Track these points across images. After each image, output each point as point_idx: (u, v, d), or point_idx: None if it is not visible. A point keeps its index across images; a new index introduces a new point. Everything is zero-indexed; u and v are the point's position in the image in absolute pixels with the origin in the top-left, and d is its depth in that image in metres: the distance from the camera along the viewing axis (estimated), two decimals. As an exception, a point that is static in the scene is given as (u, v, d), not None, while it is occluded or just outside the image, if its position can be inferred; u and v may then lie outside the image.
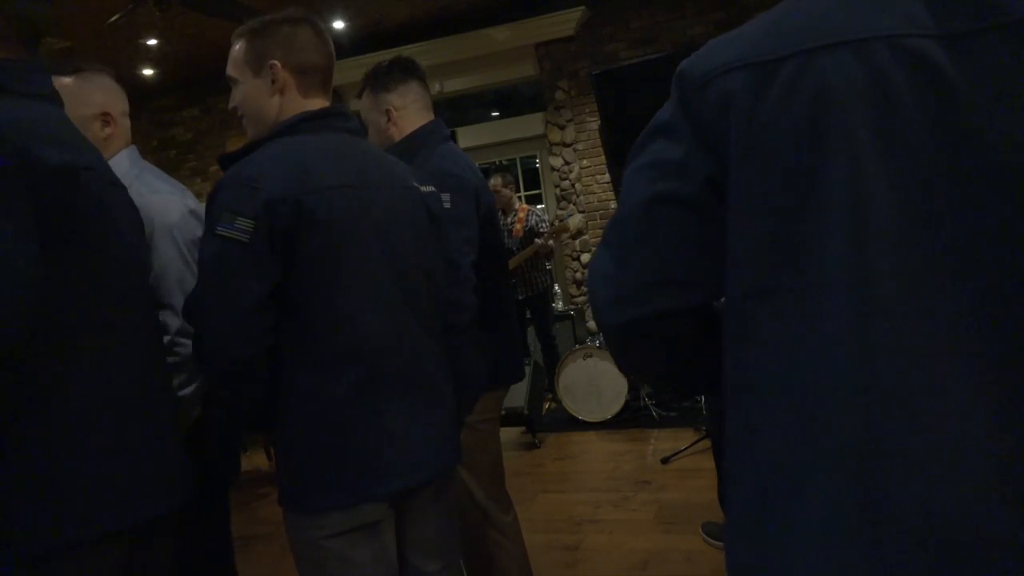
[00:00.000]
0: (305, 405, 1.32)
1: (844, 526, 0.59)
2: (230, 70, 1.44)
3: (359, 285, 1.33)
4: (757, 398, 0.66)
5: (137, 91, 7.13)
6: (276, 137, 1.36)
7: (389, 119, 1.91)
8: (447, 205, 1.76)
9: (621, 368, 0.86)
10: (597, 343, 4.76)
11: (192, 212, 1.74)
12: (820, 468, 0.61)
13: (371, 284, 1.35)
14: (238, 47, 1.43)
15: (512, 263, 5.08)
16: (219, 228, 1.25)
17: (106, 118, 1.69)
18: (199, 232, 1.72)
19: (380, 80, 1.93)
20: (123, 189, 1.34)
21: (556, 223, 5.41)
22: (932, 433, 0.58)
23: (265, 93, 1.41)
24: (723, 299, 0.72)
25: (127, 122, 1.77)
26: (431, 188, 1.58)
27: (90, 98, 1.67)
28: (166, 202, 1.68)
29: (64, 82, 1.63)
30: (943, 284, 0.60)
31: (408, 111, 1.93)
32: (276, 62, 1.39)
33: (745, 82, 0.66)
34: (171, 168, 7.40)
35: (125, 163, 1.72)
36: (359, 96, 2.00)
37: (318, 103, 1.44)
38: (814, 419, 0.62)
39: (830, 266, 0.62)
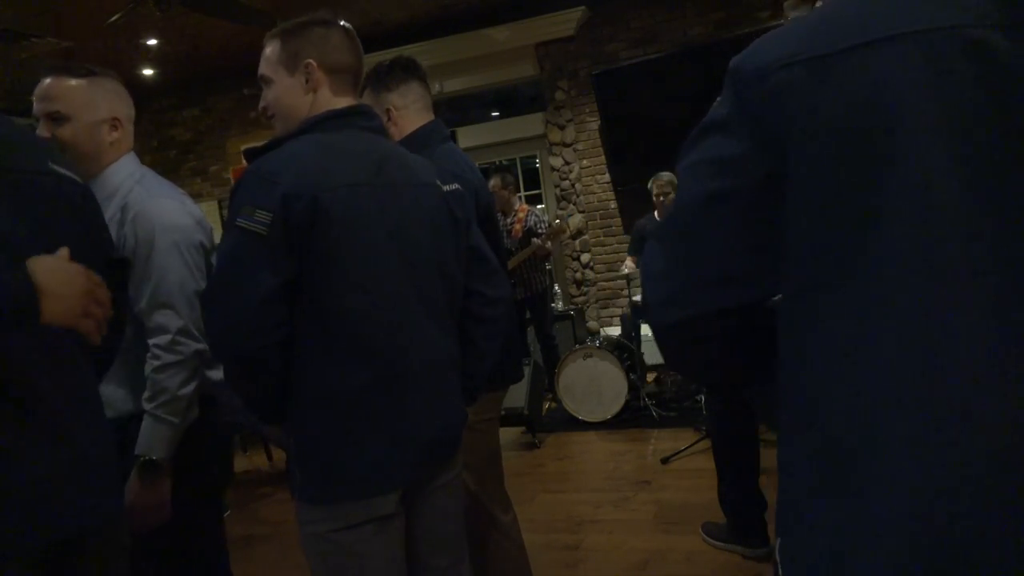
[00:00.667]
0: (318, 398, 1.34)
1: (906, 514, 0.60)
2: (263, 70, 1.46)
3: (372, 282, 1.35)
4: (821, 389, 0.66)
5: (137, 91, 7.09)
6: (301, 134, 1.39)
7: (389, 118, 1.91)
8: None
9: (671, 366, 0.85)
10: (597, 343, 4.76)
11: (191, 215, 1.75)
12: (883, 457, 0.61)
13: (384, 281, 1.37)
14: (272, 47, 1.45)
15: (510, 264, 5.09)
16: (239, 220, 1.27)
17: (115, 123, 1.70)
18: (199, 236, 1.74)
19: (381, 79, 1.94)
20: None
21: (555, 223, 5.41)
22: (999, 435, 0.58)
23: (299, 92, 1.44)
24: (778, 296, 0.72)
25: (132, 128, 1.78)
26: (455, 186, 1.59)
27: (101, 102, 1.68)
28: (167, 207, 1.70)
29: (73, 84, 1.64)
30: (1014, 281, 0.60)
31: (409, 111, 1.93)
32: (312, 61, 1.42)
33: (803, 77, 0.66)
34: (171, 168, 7.40)
35: (127, 168, 1.74)
36: (360, 95, 2.00)
37: (346, 102, 1.47)
38: (878, 410, 0.62)
39: (898, 260, 0.61)
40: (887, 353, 0.62)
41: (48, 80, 1.63)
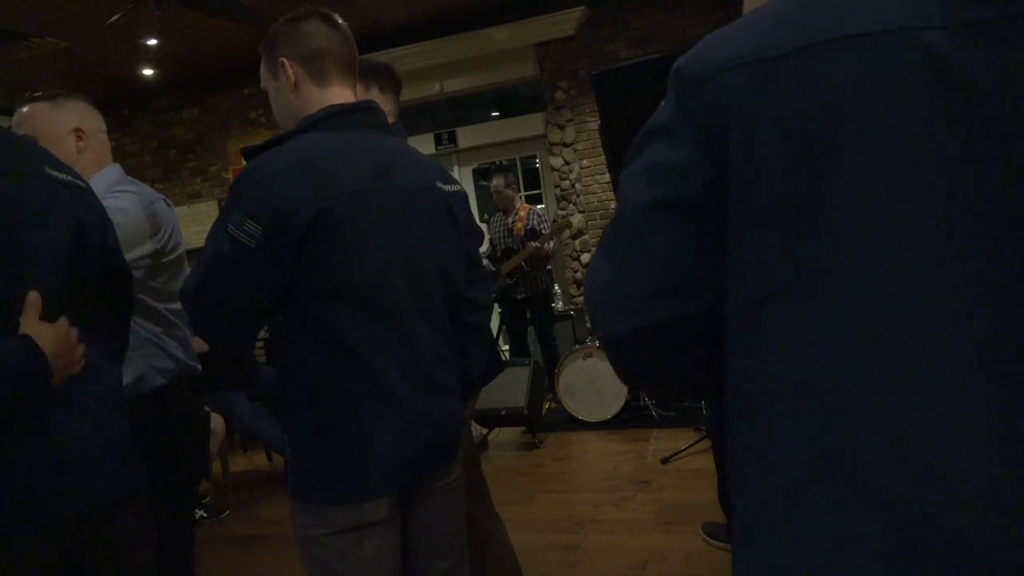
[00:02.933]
0: (309, 401, 1.34)
1: (859, 531, 0.58)
2: (262, 84, 1.48)
3: (367, 289, 1.34)
4: (769, 406, 0.64)
5: (137, 91, 7.13)
6: (301, 132, 1.36)
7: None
8: None
9: (622, 378, 0.82)
10: (597, 343, 4.76)
11: (135, 215, 1.83)
12: (837, 475, 0.59)
13: (380, 287, 1.35)
14: (262, 59, 1.46)
15: (510, 264, 5.09)
16: (229, 226, 1.26)
17: (79, 133, 1.84)
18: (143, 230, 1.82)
19: (379, 76, 1.98)
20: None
21: (559, 219, 5.41)
22: (954, 439, 0.56)
23: (285, 93, 1.42)
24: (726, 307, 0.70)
25: (102, 138, 1.92)
26: (457, 187, 1.58)
27: (63, 117, 1.83)
28: (110, 204, 1.73)
29: (37, 106, 1.82)
30: (966, 283, 0.58)
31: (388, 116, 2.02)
32: (283, 59, 1.40)
33: (747, 81, 0.63)
34: (171, 168, 7.41)
35: (109, 178, 1.86)
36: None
37: (337, 90, 1.42)
38: (833, 425, 0.60)
39: (847, 267, 0.60)
40: (837, 378, 0.60)
41: (22, 110, 1.83)
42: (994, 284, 0.58)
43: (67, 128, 1.83)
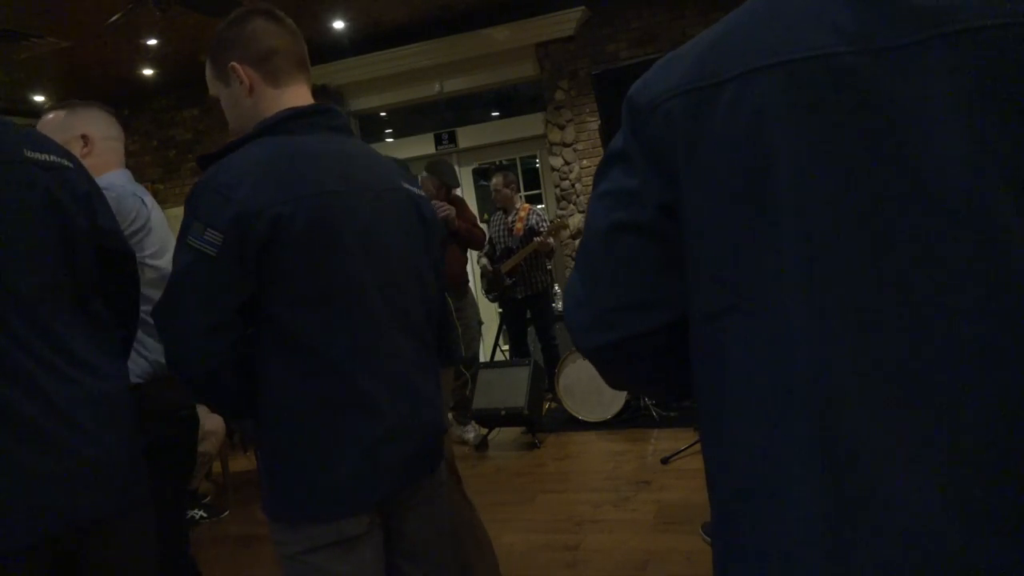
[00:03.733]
0: (281, 415, 1.29)
1: (814, 534, 0.60)
2: (211, 90, 1.42)
3: (337, 297, 1.29)
4: (726, 414, 0.67)
5: (137, 91, 7.13)
6: (257, 137, 1.31)
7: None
8: None
9: (608, 384, 0.88)
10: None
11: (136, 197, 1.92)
12: (785, 483, 0.62)
13: (354, 296, 1.31)
14: (207, 67, 1.41)
15: (510, 263, 5.09)
16: (189, 238, 1.21)
17: (84, 139, 1.90)
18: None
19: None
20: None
21: (555, 220, 5.42)
22: (890, 447, 0.58)
23: (240, 98, 1.37)
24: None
25: (112, 145, 1.98)
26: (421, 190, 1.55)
27: (72, 123, 1.91)
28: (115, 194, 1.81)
29: (50, 116, 1.90)
30: (894, 300, 0.60)
31: None
32: (234, 63, 1.34)
33: (687, 108, 0.67)
34: (171, 168, 7.40)
35: (116, 182, 1.89)
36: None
37: (294, 89, 1.37)
38: (773, 430, 0.63)
39: (781, 282, 0.62)
40: (779, 388, 0.63)
41: (46, 116, 1.90)
42: (910, 291, 0.60)
43: (73, 134, 1.88)
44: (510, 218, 5.20)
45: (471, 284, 4.86)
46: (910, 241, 0.60)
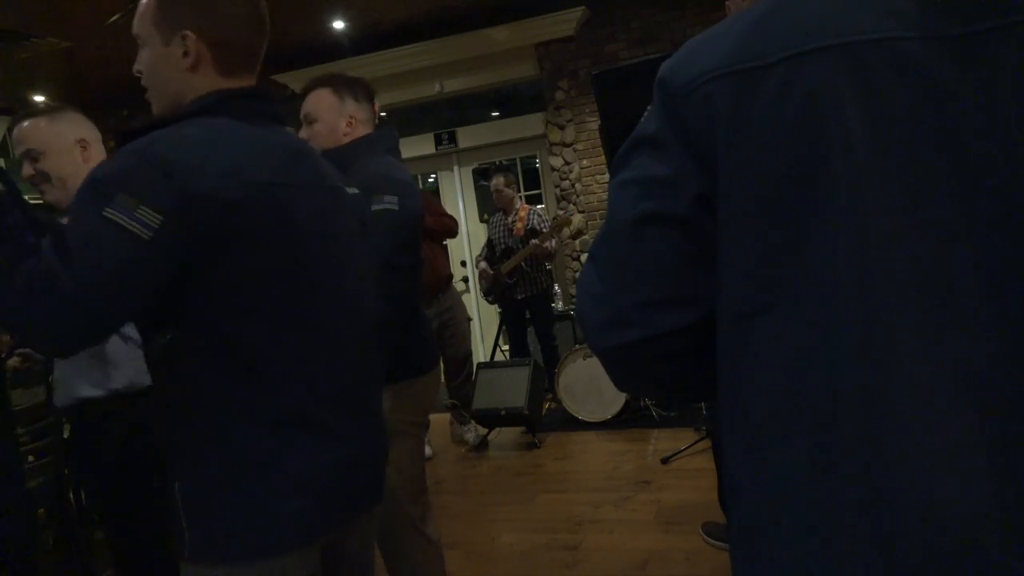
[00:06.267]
0: (222, 439, 1.12)
1: (846, 538, 0.58)
2: (136, 27, 1.20)
3: (299, 306, 1.16)
4: (759, 419, 0.64)
5: (137, 91, 7.08)
6: (195, 116, 1.15)
7: (349, 125, 2.02)
8: (395, 208, 1.83)
9: (617, 386, 0.82)
10: (597, 343, 4.76)
11: None
12: (823, 483, 0.60)
13: (315, 305, 1.18)
14: (147, 5, 1.19)
15: (510, 264, 5.09)
16: (110, 210, 0.98)
17: (83, 143, 1.92)
18: None
19: (351, 85, 2.04)
20: None
21: (560, 215, 5.41)
22: (932, 455, 0.57)
23: (174, 66, 1.17)
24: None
25: (101, 146, 1.99)
26: (356, 190, 1.44)
27: (64, 129, 1.90)
28: None
29: (38, 121, 1.88)
30: (948, 296, 0.58)
31: (364, 125, 2.07)
32: (190, 32, 1.16)
33: (729, 91, 0.63)
34: (171, 168, 7.38)
35: None
36: (304, 92, 2.05)
37: (237, 81, 1.22)
38: (817, 436, 0.60)
39: (831, 279, 0.59)
40: (824, 393, 0.59)
41: (21, 125, 1.87)
42: (979, 297, 0.58)
43: (70, 140, 1.89)
44: (510, 219, 5.20)
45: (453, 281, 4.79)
46: (972, 237, 0.58)
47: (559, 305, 5.93)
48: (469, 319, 4.76)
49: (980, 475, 0.56)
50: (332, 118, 2.00)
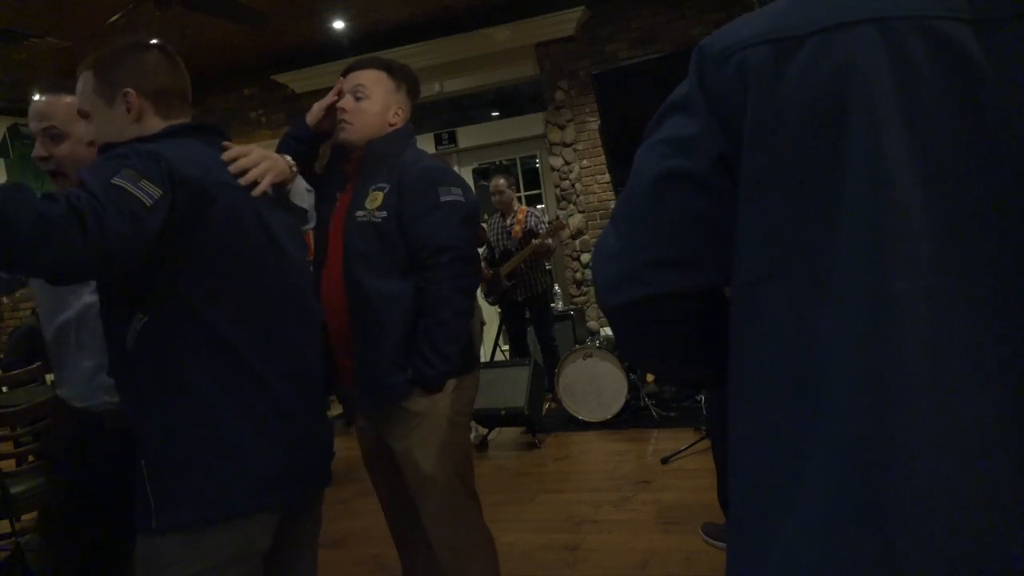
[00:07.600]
0: (191, 414, 1.24)
1: (843, 521, 0.58)
2: (80, 105, 1.40)
3: (249, 282, 1.33)
4: (761, 387, 0.65)
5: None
6: (163, 138, 1.33)
7: (396, 114, 2.08)
8: (461, 199, 1.88)
9: (624, 353, 0.84)
10: (597, 343, 4.76)
11: None
12: (821, 461, 0.59)
13: (262, 282, 1.35)
14: (83, 81, 1.40)
15: (510, 265, 5.09)
16: (117, 178, 1.13)
17: None
18: None
19: (409, 80, 2.14)
20: None
21: (555, 220, 5.42)
22: (940, 434, 0.56)
23: (122, 121, 1.36)
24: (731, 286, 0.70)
25: None
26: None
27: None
28: None
29: (67, 101, 1.67)
30: (964, 275, 0.58)
31: (404, 119, 2.15)
32: (130, 90, 1.36)
33: (766, 57, 0.65)
34: (171, 168, 7.39)
35: None
36: (355, 69, 2.06)
37: (176, 121, 1.41)
38: (817, 410, 0.60)
39: (844, 250, 0.60)
40: (833, 362, 0.59)
41: (42, 98, 1.69)
42: (996, 280, 0.58)
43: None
44: (508, 220, 5.20)
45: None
46: (991, 216, 0.58)
47: (559, 305, 5.94)
48: (483, 323, 4.74)
49: (988, 457, 0.56)
50: (386, 101, 2.03)
